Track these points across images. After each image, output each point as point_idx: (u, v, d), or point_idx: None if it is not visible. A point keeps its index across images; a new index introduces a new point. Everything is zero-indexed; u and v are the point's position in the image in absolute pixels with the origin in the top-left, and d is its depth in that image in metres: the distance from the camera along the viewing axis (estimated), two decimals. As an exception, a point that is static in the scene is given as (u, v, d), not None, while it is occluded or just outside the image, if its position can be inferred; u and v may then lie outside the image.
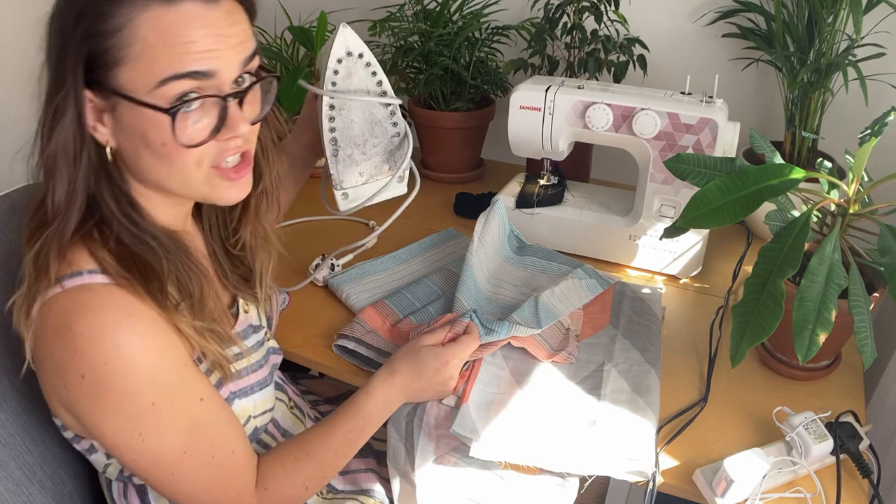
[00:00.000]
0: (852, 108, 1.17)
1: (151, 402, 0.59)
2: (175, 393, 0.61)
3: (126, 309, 0.59)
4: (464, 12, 1.33)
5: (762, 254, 0.72)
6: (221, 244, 0.77)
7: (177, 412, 0.61)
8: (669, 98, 1.00)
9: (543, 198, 1.13)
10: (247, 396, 0.72)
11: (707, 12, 1.25)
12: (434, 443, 0.77)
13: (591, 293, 0.97)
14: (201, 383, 0.64)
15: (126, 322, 0.58)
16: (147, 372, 0.59)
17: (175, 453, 0.62)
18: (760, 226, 1.04)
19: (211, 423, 0.65)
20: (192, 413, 0.63)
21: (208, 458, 0.64)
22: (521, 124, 1.07)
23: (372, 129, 0.88)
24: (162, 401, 0.60)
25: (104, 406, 0.59)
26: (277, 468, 0.71)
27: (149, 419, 0.60)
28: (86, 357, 0.57)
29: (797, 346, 0.67)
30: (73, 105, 0.58)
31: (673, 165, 0.82)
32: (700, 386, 0.84)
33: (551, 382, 0.82)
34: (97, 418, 0.59)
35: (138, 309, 0.59)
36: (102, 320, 0.57)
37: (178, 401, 0.61)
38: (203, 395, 0.64)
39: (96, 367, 0.57)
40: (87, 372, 0.57)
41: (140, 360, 0.58)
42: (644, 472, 0.71)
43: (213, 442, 0.65)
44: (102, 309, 0.58)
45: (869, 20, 1.08)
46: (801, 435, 0.70)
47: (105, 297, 0.58)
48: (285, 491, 0.71)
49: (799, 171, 0.72)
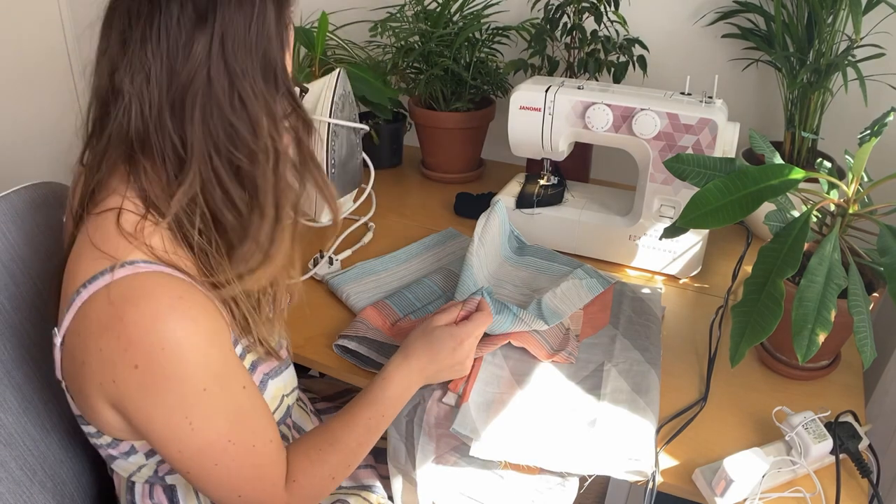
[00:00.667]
0: (852, 109, 1.17)
1: (203, 387, 0.59)
2: (224, 379, 0.61)
3: (178, 292, 0.58)
4: (464, 13, 1.33)
5: (762, 254, 0.72)
6: None
7: (225, 399, 0.61)
8: (669, 98, 1.00)
9: (543, 198, 1.13)
10: (278, 376, 0.72)
11: (707, 13, 1.25)
12: (434, 442, 0.77)
13: (592, 293, 0.97)
14: (243, 371, 0.65)
15: (179, 306, 0.57)
16: (202, 356, 0.58)
17: (221, 442, 0.62)
18: (760, 226, 1.04)
19: (253, 412, 0.65)
20: (237, 401, 0.63)
21: (250, 447, 0.64)
22: (521, 124, 1.07)
23: (351, 153, 1.11)
24: (213, 387, 0.60)
25: (157, 394, 0.58)
26: (304, 460, 0.71)
27: (200, 406, 0.59)
28: (140, 345, 0.56)
29: (797, 346, 0.67)
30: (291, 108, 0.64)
31: (673, 166, 0.83)
32: (700, 386, 0.85)
33: (551, 382, 0.82)
34: (148, 408, 0.58)
35: (189, 292, 0.59)
36: (155, 307, 0.57)
37: (226, 387, 0.61)
38: (245, 384, 0.64)
39: (151, 353, 0.56)
40: (140, 361, 0.56)
41: (194, 343, 0.58)
42: (644, 472, 0.71)
43: (254, 430, 0.65)
44: (154, 295, 0.57)
45: (868, 21, 1.08)
46: (800, 435, 0.70)
47: (155, 284, 0.58)
48: (313, 482, 0.71)
49: (798, 171, 0.72)
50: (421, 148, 1.43)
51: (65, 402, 0.68)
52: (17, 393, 0.73)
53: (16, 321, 0.74)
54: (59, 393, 0.72)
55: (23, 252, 0.76)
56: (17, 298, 0.74)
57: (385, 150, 1.45)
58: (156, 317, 0.56)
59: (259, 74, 0.60)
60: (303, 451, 0.72)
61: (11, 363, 0.73)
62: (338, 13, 1.47)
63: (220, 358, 0.61)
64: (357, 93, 1.32)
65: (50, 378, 0.59)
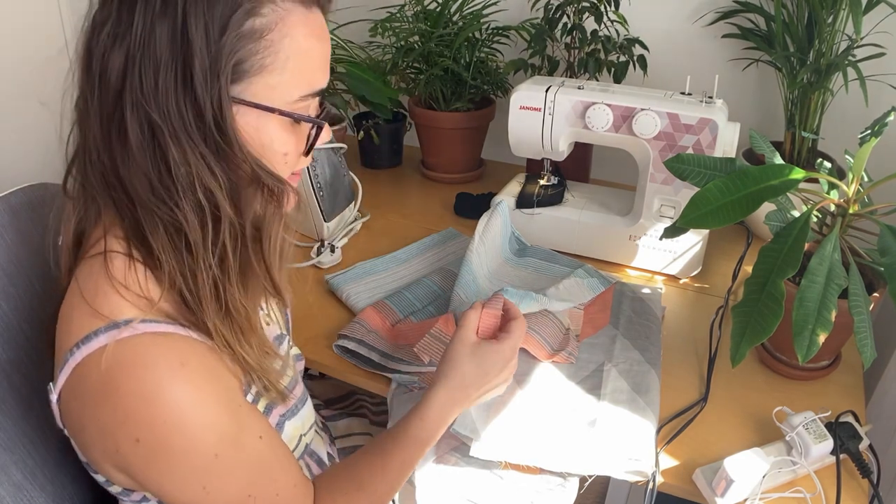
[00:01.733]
0: (852, 109, 1.17)
1: (214, 453, 0.55)
2: (236, 440, 0.57)
3: (179, 359, 0.53)
4: (464, 13, 1.33)
5: (762, 254, 0.72)
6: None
7: (241, 458, 0.58)
8: (669, 98, 1.00)
9: (543, 198, 1.13)
10: (294, 416, 0.69)
11: (707, 13, 1.25)
12: (434, 443, 0.77)
13: (593, 292, 0.97)
14: (257, 420, 0.61)
15: (180, 374, 0.52)
16: (209, 423, 0.54)
17: (241, 497, 0.59)
18: (760, 226, 1.04)
19: (273, 460, 0.62)
20: (254, 454, 0.59)
21: (273, 495, 0.61)
22: (521, 124, 1.07)
23: (336, 172, 1.14)
24: (225, 451, 0.56)
25: (165, 466, 0.54)
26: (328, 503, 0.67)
27: (213, 472, 0.56)
28: (139, 418, 0.51)
29: (797, 346, 0.67)
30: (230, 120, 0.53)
31: (673, 166, 0.82)
32: (700, 386, 0.84)
33: (551, 382, 0.82)
34: (158, 478, 0.55)
35: (190, 354, 0.54)
36: (152, 377, 0.51)
37: (240, 446, 0.58)
38: (262, 433, 0.61)
39: (154, 427, 0.52)
40: (142, 435, 0.52)
41: (199, 412, 0.53)
42: (644, 472, 0.71)
43: (275, 479, 0.62)
44: (151, 364, 0.52)
45: (869, 20, 1.08)
46: (800, 435, 0.70)
47: (152, 350, 0.53)
48: None
49: (799, 171, 0.72)
50: (421, 148, 1.43)
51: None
52: (16, 395, 0.73)
53: (13, 322, 0.74)
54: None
55: (20, 253, 0.76)
56: (14, 299, 0.74)
57: (385, 150, 1.45)
58: (155, 388, 0.51)
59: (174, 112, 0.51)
60: (328, 493, 0.68)
61: (9, 365, 0.73)
62: (338, 13, 1.47)
63: (229, 418, 0.56)
64: (357, 93, 1.32)
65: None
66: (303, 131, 0.60)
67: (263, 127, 0.56)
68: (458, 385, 0.70)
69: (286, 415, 0.68)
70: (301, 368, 0.78)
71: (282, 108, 0.55)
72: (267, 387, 0.63)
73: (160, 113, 0.51)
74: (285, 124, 0.57)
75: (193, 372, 0.54)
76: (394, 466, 0.68)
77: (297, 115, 0.57)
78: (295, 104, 0.57)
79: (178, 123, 0.51)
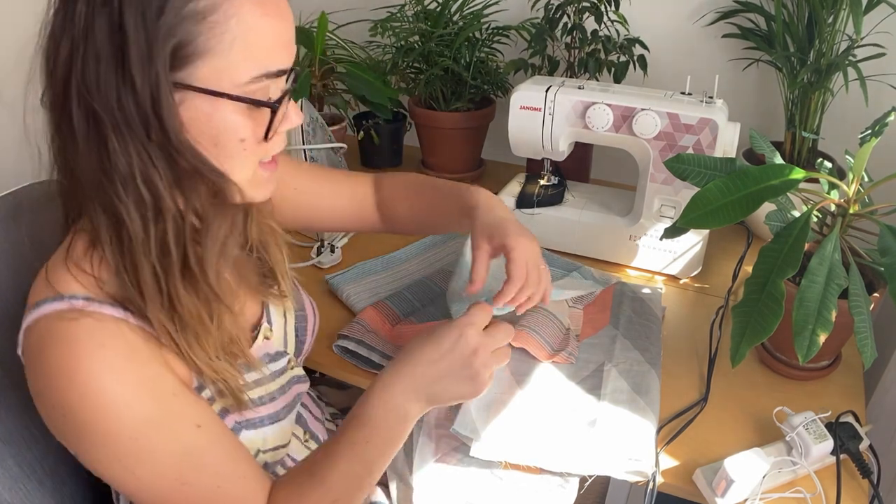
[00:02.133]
0: (852, 109, 1.17)
1: (133, 436, 0.55)
2: (159, 425, 0.57)
3: (100, 340, 0.54)
4: (464, 13, 1.33)
5: (762, 254, 0.72)
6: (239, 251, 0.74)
7: (165, 443, 0.57)
8: (669, 98, 1.00)
9: (543, 198, 1.13)
10: (255, 429, 0.67)
11: (707, 13, 1.25)
12: (434, 443, 0.77)
13: (589, 290, 0.97)
14: (197, 410, 0.60)
15: (98, 356, 0.54)
16: (125, 406, 0.54)
17: (174, 485, 0.58)
18: (760, 226, 1.04)
19: (211, 451, 0.60)
20: (185, 442, 0.58)
21: (213, 487, 0.60)
22: (521, 124, 1.07)
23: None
24: (147, 433, 0.56)
25: (89, 445, 0.56)
26: (282, 497, 0.65)
27: (134, 454, 0.56)
28: (61, 394, 0.54)
29: (797, 347, 0.67)
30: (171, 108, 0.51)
31: (673, 166, 0.82)
32: (700, 386, 0.84)
33: (551, 382, 0.82)
34: (84, 452, 0.57)
35: (114, 338, 0.55)
36: (71, 355, 0.53)
37: (164, 432, 0.57)
38: (200, 422, 0.60)
39: (72, 402, 0.53)
40: (66, 410, 0.54)
41: (116, 394, 0.54)
42: (644, 472, 0.71)
43: (216, 471, 0.60)
44: (73, 342, 0.53)
45: (869, 21, 1.08)
46: (801, 435, 0.70)
47: (77, 328, 0.54)
48: None
49: (799, 171, 0.72)
50: (421, 148, 1.43)
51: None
52: (18, 390, 0.73)
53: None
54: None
55: (27, 249, 0.76)
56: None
57: (385, 150, 1.45)
58: (73, 365, 0.53)
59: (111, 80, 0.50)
60: (283, 487, 0.66)
61: (11, 360, 0.73)
62: (338, 13, 1.47)
63: (152, 404, 0.56)
64: (357, 93, 1.32)
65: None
66: (263, 116, 0.56)
67: (216, 113, 0.53)
68: (405, 363, 0.64)
69: (244, 423, 0.66)
70: (301, 391, 0.76)
71: (230, 91, 0.53)
72: (222, 391, 0.62)
73: (101, 103, 0.50)
74: (240, 109, 0.54)
75: (113, 355, 0.54)
76: (341, 451, 0.64)
77: (245, 98, 0.53)
78: (247, 87, 0.53)
79: (118, 114, 0.50)
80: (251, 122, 0.55)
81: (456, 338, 0.64)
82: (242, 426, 0.66)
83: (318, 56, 1.31)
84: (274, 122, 0.56)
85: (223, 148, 0.55)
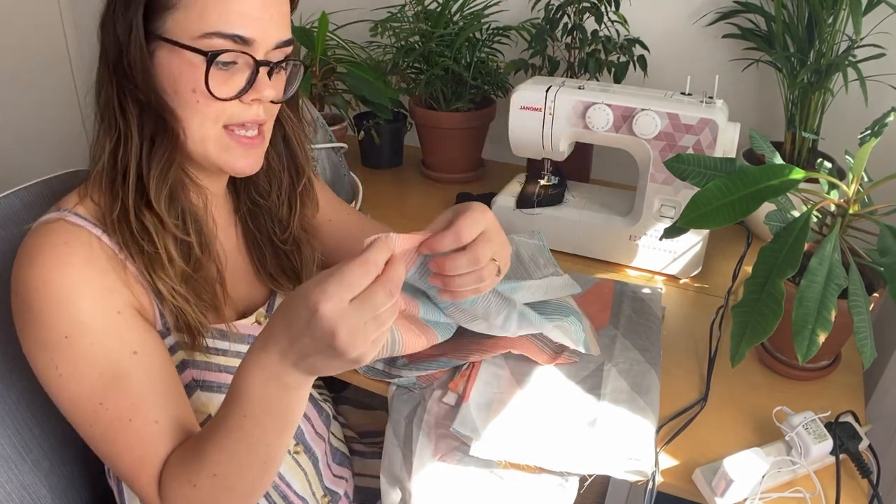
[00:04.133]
0: (852, 109, 1.17)
1: (65, 334, 0.59)
2: (95, 334, 0.60)
3: (65, 239, 0.60)
4: (464, 13, 1.33)
5: (762, 254, 0.72)
6: (268, 236, 0.78)
7: (96, 354, 0.60)
8: (670, 98, 1.00)
9: (544, 198, 1.13)
10: (212, 392, 0.69)
11: (707, 13, 1.25)
12: (434, 443, 0.77)
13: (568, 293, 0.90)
14: (140, 337, 0.63)
15: (60, 250, 0.60)
16: (65, 301, 0.59)
17: (92, 401, 0.60)
18: (760, 226, 1.04)
19: (138, 382, 0.61)
20: (115, 362, 0.61)
21: (125, 420, 0.61)
22: (521, 125, 1.07)
23: (337, 172, 1.14)
24: (77, 336, 0.59)
25: (27, 329, 0.60)
26: (169, 474, 0.62)
27: (63, 352, 0.59)
28: (18, 275, 0.60)
29: (797, 346, 0.67)
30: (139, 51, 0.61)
31: (673, 166, 0.83)
32: (700, 386, 0.84)
33: (551, 382, 0.82)
34: (24, 341, 0.61)
35: (80, 243, 0.61)
36: (41, 243, 0.60)
37: (98, 343, 0.60)
38: (138, 350, 0.62)
39: (23, 285, 0.59)
40: (18, 290, 0.60)
41: (60, 287, 0.59)
42: (644, 472, 0.71)
43: (134, 403, 0.61)
44: (45, 234, 0.61)
45: (869, 21, 1.08)
46: (800, 435, 0.70)
47: (54, 227, 0.61)
48: (176, 490, 0.61)
49: (799, 171, 0.72)
50: (421, 148, 1.43)
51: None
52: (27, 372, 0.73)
53: None
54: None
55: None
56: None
57: (386, 150, 1.45)
58: (34, 254, 0.60)
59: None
60: (176, 452, 0.62)
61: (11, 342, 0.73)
62: (338, 13, 1.47)
63: (91, 313, 0.60)
64: (357, 93, 1.32)
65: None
66: (219, 74, 0.62)
67: (173, 60, 0.62)
68: (268, 335, 0.54)
69: (201, 383, 0.68)
70: None
71: (183, 41, 0.60)
72: (178, 321, 0.66)
73: (102, 38, 0.63)
74: (194, 60, 0.61)
75: (71, 252, 0.60)
76: (217, 426, 0.58)
77: (186, 44, 0.60)
78: (199, 41, 0.61)
79: (111, 51, 0.62)
80: (202, 76, 0.61)
81: (306, 319, 0.49)
82: (199, 385, 0.68)
83: (318, 56, 1.31)
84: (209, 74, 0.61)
85: (180, 97, 0.63)
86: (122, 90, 0.62)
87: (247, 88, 0.64)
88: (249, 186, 0.77)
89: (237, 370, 0.56)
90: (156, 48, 0.62)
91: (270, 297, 0.80)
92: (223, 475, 0.58)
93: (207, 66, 0.61)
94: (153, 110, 0.63)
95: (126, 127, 0.63)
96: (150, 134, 0.63)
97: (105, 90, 0.63)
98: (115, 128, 0.63)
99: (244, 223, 0.79)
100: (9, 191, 0.76)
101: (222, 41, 0.61)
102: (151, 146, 0.63)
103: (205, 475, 0.58)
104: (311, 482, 0.81)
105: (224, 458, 0.57)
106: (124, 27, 0.60)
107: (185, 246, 0.66)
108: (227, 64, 0.62)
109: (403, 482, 0.76)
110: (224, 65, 0.62)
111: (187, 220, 0.66)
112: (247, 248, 0.79)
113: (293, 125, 0.76)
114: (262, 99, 0.65)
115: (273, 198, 0.77)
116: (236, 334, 0.72)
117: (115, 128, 0.63)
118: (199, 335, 0.67)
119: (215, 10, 0.60)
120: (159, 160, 0.64)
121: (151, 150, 0.63)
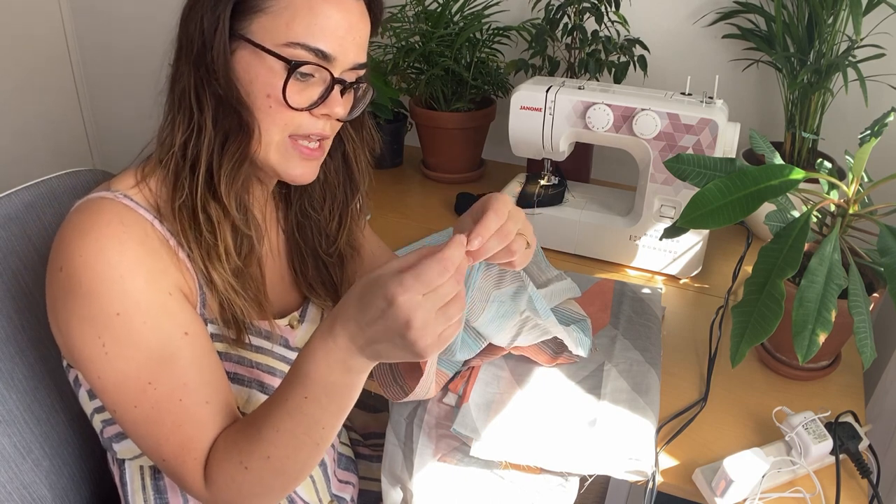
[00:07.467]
0: (852, 109, 1.17)
1: (116, 311, 0.58)
2: (147, 312, 0.59)
3: (120, 218, 0.60)
4: (465, 13, 1.33)
5: (762, 254, 0.72)
6: (313, 247, 0.79)
7: (146, 333, 0.59)
8: (670, 99, 1.00)
9: (544, 198, 1.13)
10: (242, 386, 0.70)
11: (707, 13, 1.25)
12: (434, 443, 0.77)
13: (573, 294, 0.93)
14: (190, 319, 0.63)
15: (115, 227, 0.59)
16: (118, 280, 0.58)
17: (140, 381, 0.59)
18: (760, 226, 1.05)
19: (189, 362, 0.61)
20: (167, 342, 0.60)
21: (176, 399, 0.60)
22: (521, 125, 1.07)
23: None
24: (129, 314, 0.59)
25: (72, 301, 0.58)
26: (223, 441, 0.62)
27: (113, 330, 0.58)
28: (68, 248, 0.58)
29: (797, 347, 0.67)
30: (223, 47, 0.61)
31: (673, 166, 0.83)
32: (700, 386, 0.85)
33: (551, 382, 0.82)
34: (67, 318, 0.59)
35: (135, 223, 0.61)
36: (95, 219, 0.59)
37: (149, 322, 0.59)
38: (189, 331, 0.62)
39: (73, 259, 0.58)
40: (65, 264, 0.58)
41: (114, 264, 0.58)
42: (644, 472, 0.71)
43: (185, 383, 0.61)
44: (96, 212, 0.60)
45: (869, 21, 1.08)
46: (800, 435, 0.70)
47: (108, 206, 0.60)
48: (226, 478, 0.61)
49: (799, 171, 0.72)
50: (422, 148, 1.43)
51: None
52: (29, 371, 0.73)
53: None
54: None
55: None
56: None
57: (386, 150, 1.45)
58: (88, 228, 0.59)
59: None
60: (229, 432, 0.63)
61: (27, 343, 0.73)
62: (338, 13, 1.47)
63: (145, 292, 0.59)
64: (358, 93, 1.32)
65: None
66: (296, 85, 0.63)
67: (252, 63, 0.62)
68: (332, 320, 0.56)
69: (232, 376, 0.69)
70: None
71: (267, 46, 0.61)
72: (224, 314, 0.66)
73: (183, 30, 0.63)
74: (274, 67, 0.62)
75: (125, 231, 0.60)
76: (276, 406, 0.59)
77: (269, 49, 0.61)
78: (283, 48, 0.61)
79: (195, 43, 0.62)
80: (280, 82, 0.62)
81: (382, 308, 0.52)
82: (231, 377, 0.68)
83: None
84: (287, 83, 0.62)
85: (254, 99, 0.63)
86: (200, 83, 0.62)
87: (319, 102, 0.64)
88: (304, 196, 0.78)
89: (299, 354, 0.58)
90: (237, 47, 0.62)
91: (304, 303, 0.80)
92: (277, 457, 0.59)
93: (288, 75, 0.61)
94: (230, 106, 0.62)
95: (202, 119, 0.62)
96: (225, 129, 0.63)
97: (182, 82, 0.63)
98: (190, 119, 0.63)
99: (290, 230, 0.79)
100: (9, 191, 0.77)
101: (305, 53, 0.61)
102: (224, 140, 0.63)
103: (257, 456, 0.59)
104: (318, 489, 0.81)
105: (281, 439, 0.58)
106: (211, 22, 0.61)
107: (243, 240, 0.67)
108: (305, 76, 0.63)
109: (404, 482, 0.76)
110: (302, 76, 0.63)
111: (248, 215, 0.68)
112: (287, 254, 0.80)
113: (354, 144, 0.77)
114: (332, 115, 0.66)
115: (325, 211, 0.78)
116: (276, 334, 0.73)
117: (189, 119, 0.63)
118: (244, 330, 0.68)
119: (303, 22, 0.61)
120: (232, 155, 0.64)
121: (224, 144, 0.63)
